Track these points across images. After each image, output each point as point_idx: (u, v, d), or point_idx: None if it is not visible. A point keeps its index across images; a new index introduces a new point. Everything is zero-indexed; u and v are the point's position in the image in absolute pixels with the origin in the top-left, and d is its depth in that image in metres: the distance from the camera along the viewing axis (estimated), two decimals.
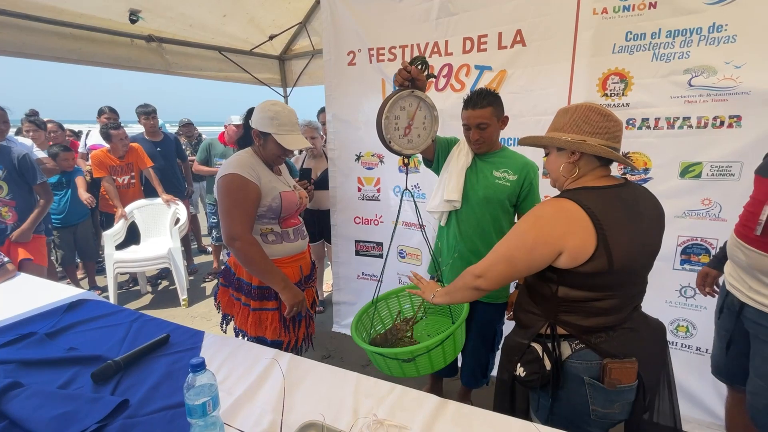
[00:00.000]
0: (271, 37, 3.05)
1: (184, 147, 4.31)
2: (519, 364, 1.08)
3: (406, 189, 1.53)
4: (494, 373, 1.99)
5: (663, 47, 1.73)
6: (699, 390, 1.93)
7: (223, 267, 1.63)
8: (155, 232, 3.67)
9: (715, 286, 1.66)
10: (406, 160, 1.43)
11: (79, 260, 3.81)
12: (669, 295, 1.94)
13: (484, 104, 1.55)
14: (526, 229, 1.04)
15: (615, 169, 1.47)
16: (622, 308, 1.05)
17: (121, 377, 1.21)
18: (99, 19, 2.27)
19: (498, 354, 1.95)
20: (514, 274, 1.06)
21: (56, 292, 1.80)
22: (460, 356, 2.02)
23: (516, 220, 1.80)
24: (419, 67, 1.33)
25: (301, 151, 3.14)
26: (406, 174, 1.53)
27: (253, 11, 2.69)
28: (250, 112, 1.51)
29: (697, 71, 1.69)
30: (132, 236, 3.58)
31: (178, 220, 3.64)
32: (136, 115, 3.78)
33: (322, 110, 3.31)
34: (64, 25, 2.20)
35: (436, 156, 1.76)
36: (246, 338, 1.56)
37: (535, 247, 1.00)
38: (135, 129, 5.70)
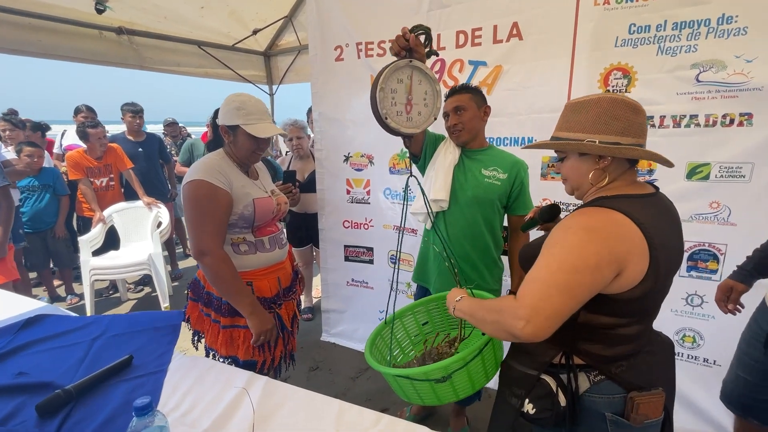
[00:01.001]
0: (255, 32, 2.90)
1: (168, 147, 4.15)
2: (527, 400, 0.93)
3: (411, 175, 1.28)
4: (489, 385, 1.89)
5: (669, 40, 1.62)
6: (707, 403, 1.82)
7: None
8: (136, 236, 3.51)
9: (738, 305, 1.49)
10: (407, 141, 1.27)
11: (54, 267, 3.63)
12: (674, 303, 1.83)
13: (463, 92, 1.55)
14: (582, 243, 0.80)
15: None
16: (645, 332, 0.93)
17: (72, 409, 1.07)
18: (62, 9, 2.10)
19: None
20: (574, 308, 0.79)
21: (14, 306, 1.65)
22: None
23: (506, 222, 1.68)
24: (421, 38, 1.17)
25: (287, 152, 3.00)
26: (410, 158, 1.37)
27: (234, 3, 2.54)
28: (217, 112, 1.38)
29: (706, 66, 1.59)
30: (111, 241, 3.42)
31: (160, 224, 3.48)
32: (122, 111, 3.63)
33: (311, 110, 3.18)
34: (21, 14, 2.01)
35: (423, 150, 1.64)
36: (217, 357, 1.42)
37: (599, 266, 0.78)
38: (114, 129, 5.53)
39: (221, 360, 1.43)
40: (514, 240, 1.67)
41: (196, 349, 1.56)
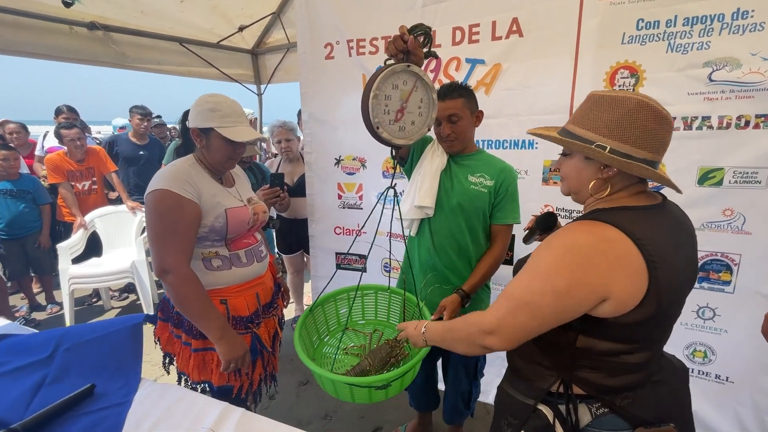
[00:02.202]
0: (241, 29, 2.76)
1: None
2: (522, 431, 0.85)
3: (392, 187, 1.22)
4: (480, 399, 1.79)
5: (679, 37, 1.52)
6: (718, 421, 1.72)
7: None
8: (119, 242, 3.36)
9: None
10: (393, 152, 1.17)
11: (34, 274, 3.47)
12: (684, 316, 1.72)
13: (455, 95, 1.40)
14: (555, 264, 0.75)
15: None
16: (653, 359, 0.83)
17: None
18: (27, 2, 1.95)
19: (482, 379, 1.75)
20: (539, 328, 0.78)
21: None
22: (441, 384, 1.80)
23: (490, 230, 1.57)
24: (420, 39, 1.06)
25: (276, 155, 2.88)
26: (394, 171, 1.23)
27: None
28: (186, 114, 1.26)
29: (719, 64, 1.48)
30: (94, 247, 3.28)
31: (145, 230, 3.34)
32: (130, 113, 3.63)
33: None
34: None
35: (410, 154, 1.53)
36: (189, 382, 1.30)
37: (569, 291, 0.73)
38: (105, 130, 5.37)
39: (193, 385, 1.31)
40: (489, 247, 1.51)
41: (168, 372, 1.43)
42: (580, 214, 0.88)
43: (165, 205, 1.13)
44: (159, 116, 4.73)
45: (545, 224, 1.23)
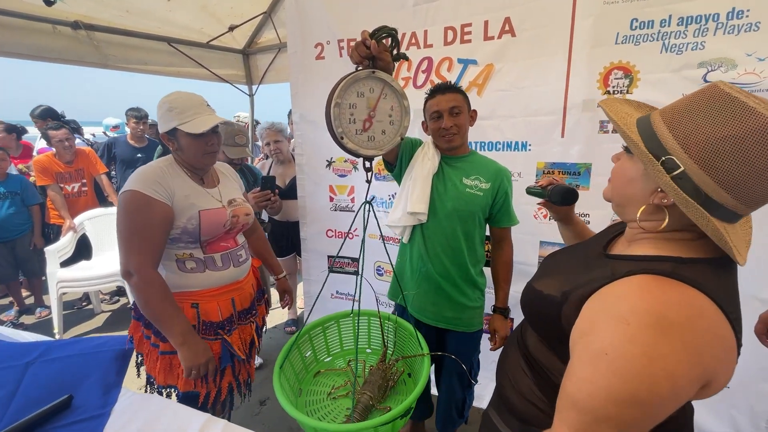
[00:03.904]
0: (231, 28, 2.72)
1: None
2: None
3: (367, 202, 1.12)
4: (475, 404, 1.76)
5: (674, 37, 1.49)
6: (715, 427, 1.70)
7: None
8: (109, 245, 3.31)
9: None
10: (367, 164, 1.09)
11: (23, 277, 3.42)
12: None
13: (455, 90, 1.40)
14: (645, 357, 0.52)
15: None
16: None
17: None
18: (7, 0, 1.90)
19: (476, 387, 1.71)
20: None
21: None
22: (434, 391, 1.77)
23: (487, 233, 1.53)
24: (389, 41, 1.00)
25: (267, 156, 2.84)
26: (369, 182, 1.10)
27: None
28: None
29: (714, 65, 1.46)
30: (84, 250, 3.23)
31: None
32: (126, 117, 3.64)
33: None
34: None
35: (399, 158, 1.49)
36: (156, 386, 1.27)
37: (675, 391, 0.53)
38: (98, 131, 5.31)
39: (159, 389, 1.27)
40: (497, 251, 1.54)
41: (138, 375, 1.38)
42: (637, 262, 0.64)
43: (133, 206, 1.11)
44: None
45: (561, 199, 1.03)
